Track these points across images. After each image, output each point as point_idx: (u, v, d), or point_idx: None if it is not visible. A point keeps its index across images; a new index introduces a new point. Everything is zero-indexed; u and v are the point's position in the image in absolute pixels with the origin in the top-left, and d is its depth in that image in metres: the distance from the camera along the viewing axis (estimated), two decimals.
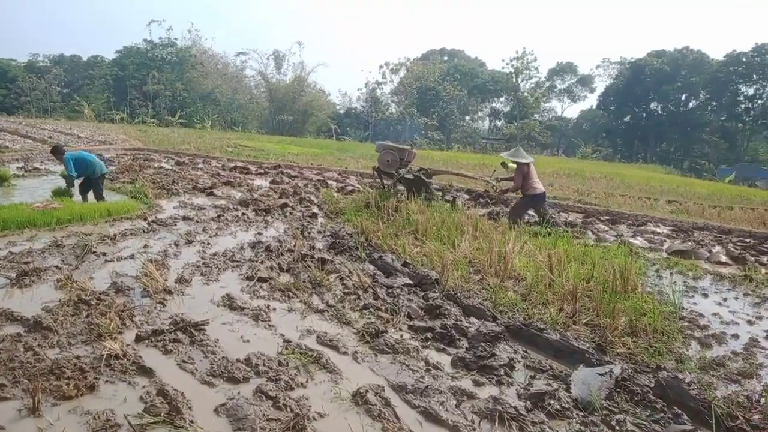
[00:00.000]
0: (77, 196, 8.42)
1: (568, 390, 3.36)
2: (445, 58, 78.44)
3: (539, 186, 8.62)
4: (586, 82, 72.89)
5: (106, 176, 8.71)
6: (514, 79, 58.83)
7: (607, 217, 10.27)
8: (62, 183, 8.52)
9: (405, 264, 5.92)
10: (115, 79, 57.60)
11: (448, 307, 4.64)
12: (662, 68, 60.03)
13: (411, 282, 5.36)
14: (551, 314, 4.60)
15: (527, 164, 8.56)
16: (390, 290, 5.16)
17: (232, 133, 43.35)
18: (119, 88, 56.74)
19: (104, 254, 5.88)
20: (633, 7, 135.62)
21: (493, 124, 74.70)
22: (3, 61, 60.52)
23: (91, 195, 8.49)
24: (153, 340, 3.87)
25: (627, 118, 66.15)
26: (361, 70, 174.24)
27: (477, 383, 3.51)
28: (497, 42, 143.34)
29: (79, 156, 8.29)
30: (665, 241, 8.43)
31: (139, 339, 3.86)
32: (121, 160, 14.89)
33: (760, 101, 55.90)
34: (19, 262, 5.48)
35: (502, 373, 3.59)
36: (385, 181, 10.01)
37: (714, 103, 60.32)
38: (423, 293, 5.09)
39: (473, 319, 4.53)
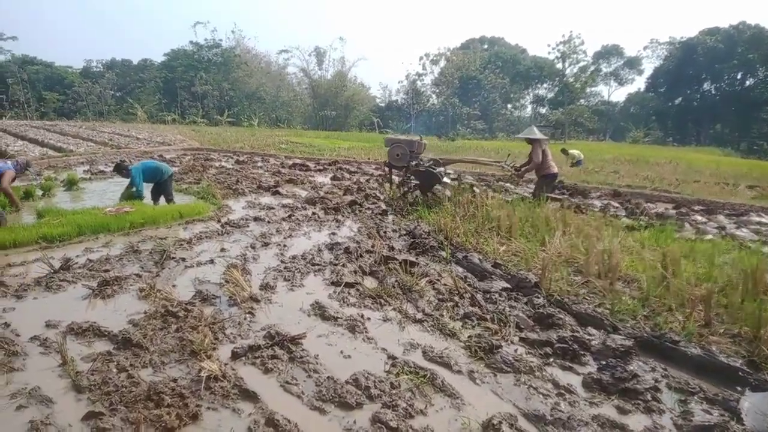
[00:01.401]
0: (148, 199, 8.37)
1: (739, 421, 2.87)
2: (485, 47, 76.84)
3: (555, 166, 8.72)
4: (633, 64, 69.87)
5: (173, 177, 8.60)
6: (561, 65, 56.82)
7: (699, 207, 9.46)
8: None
9: (496, 265, 5.49)
10: (165, 81, 59.07)
11: (561, 316, 4.19)
12: (716, 46, 56.91)
13: (509, 286, 4.93)
14: (681, 323, 4.08)
15: (543, 141, 8.58)
16: (488, 295, 4.75)
17: (279, 129, 43.62)
18: (169, 90, 58.19)
19: (183, 260, 5.71)
20: None
21: (536, 111, 72.77)
22: (60, 68, 63.11)
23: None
24: (250, 356, 3.61)
25: (678, 100, 63.10)
26: (401, 63, 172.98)
27: (622, 410, 3.06)
28: (538, 27, 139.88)
29: (144, 166, 8.27)
30: None
31: (235, 356, 3.60)
32: (183, 160, 14.99)
33: None
34: (99, 270, 5.37)
35: (648, 397, 3.13)
36: (394, 177, 9.64)
37: None
38: (526, 299, 4.64)
39: (591, 330, 4.06)
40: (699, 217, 8.26)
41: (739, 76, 58.54)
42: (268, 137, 27.47)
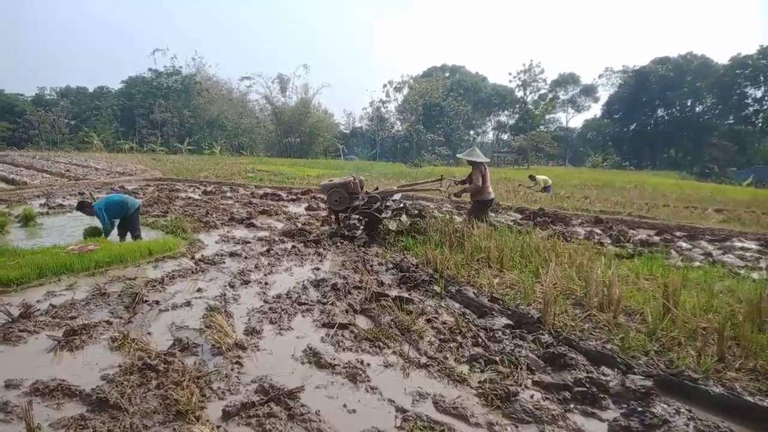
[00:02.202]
0: (113, 236, 7.84)
1: None
2: (447, 74, 78.52)
3: (491, 191, 8.62)
4: (589, 91, 72.72)
5: (139, 210, 8.10)
6: (522, 92, 58.44)
7: (681, 233, 9.53)
8: (93, 221, 7.96)
9: (493, 299, 5.26)
10: (123, 108, 57.76)
11: (573, 356, 3.97)
12: (667, 75, 59.82)
13: (510, 322, 4.70)
14: (694, 358, 3.92)
15: (483, 165, 8.49)
16: (491, 334, 4.50)
17: (243, 157, 43.01)
18: (126, 118, 56.89)
19: (157, 303, 5.26)
20: (632, 16, 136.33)
21: (498, 137, 74.40)
22: (11, 96, 60.92)
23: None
24: (244, 416, 3.23)
25: (633, 126, 65.81)
26: (366, 90, 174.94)
27: None
28: (497, 56, 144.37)
29: (107, 201, 7.73)
30: (760, 258, 7.69)
31: (227, 416, 3.22)
32: (146, 191, 14.35)
33: None
34: (64, 317, 4.87)
35: None
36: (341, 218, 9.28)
37: (721, 107, 59.84)
38: (532, 337, 4.41)
39: (605, 370, 3.85)
40: (683, 244, 8.29)
41: (689, 103, 61.52)
42: (233, 165, 26.92)
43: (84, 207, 7.82)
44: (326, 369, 3.90)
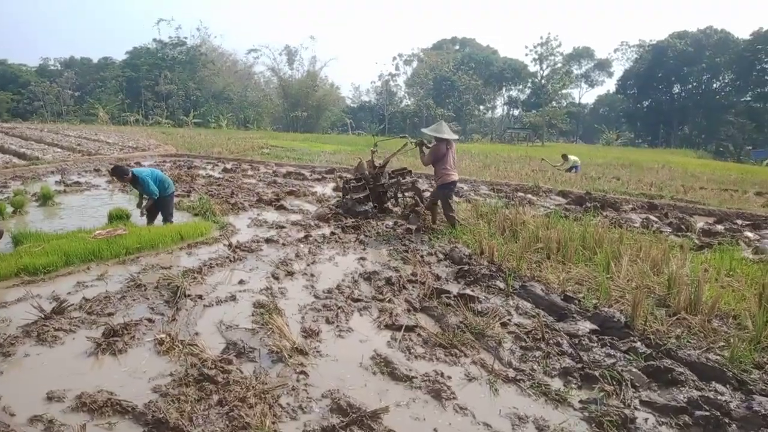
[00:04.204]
0: (137, 218, 7.38)
1: None
2: (457, 47, 77.03)
3: (454, 173, 7.49)
4: (603, 66, 71.18)
5: (173, 194, 7.61)
6: (537, 66, 57.14)
7: (742, 222, 9.00)
8: (117, 201, 7.50)
9: (567, 298, 4.81)
10: (128, 80, 56.76)
11: (681, 370, 3.53)
12: (685, 50, 58.22)
13: (596, 327, 4.25)
14: None
15: (447, 143, 7.48)
16: (576, 340, 4.05)
17: (251, 132, 42.27)
18: (132, 90, 55.93)
19: (200, 297, 4.83)
20: None
21: (509, 112, 73.23)
22: (14, 66, 59.94)
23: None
24: None
25: (647, 102, 64.47)
26: (375, 63, 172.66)
27: None
28: (509, 29, 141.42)
29: (153, 174, 7.14)
30: None
31: None
32: (163, 168, 13.85)
33: None
34: (100, 313, 4.46)
35: None
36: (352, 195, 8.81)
37: (739, 84, 58.36)
38: (623, 345, 3.96)
39: (719, 387, 3.42)
40: (750, 234, 7.78)
41: (705, 79, 60.09)
42: (245, 140, 26.31)
43: (122, 173, 6.99)
44: (403, 382, 3.48)
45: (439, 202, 7.70)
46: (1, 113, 50.16)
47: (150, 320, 4.33)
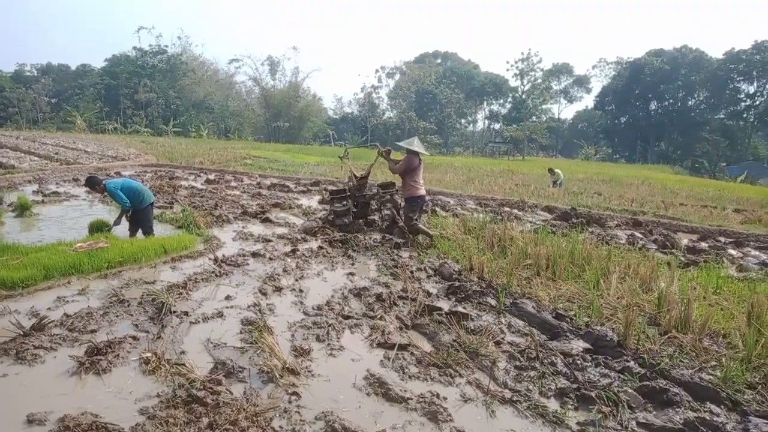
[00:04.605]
0: (120, 229, 7.20)
1: None
2: (439, 61, 77.88)
3: (422, 188, 7.79)
4: (582, 82, 72.72)
5: (154, 205, 7.45)
6: (518, 81, 57.99)
7: (725, 239, 9.13)
8: (97, 212, 7.32)
9: (559, 316, 4.79)
10: (106, 88, 56.05)
11: (676, 390, 3.52)
12: (662, 67, 59.78)
13: (589, 346, 4.23)
14: None
15: (417, 156, 7.72)
16: (569, 359, 4.03)
17: (233, 142, 41.97)
18: (110, 98, 55.25)
19: (186, 314, 4.70)
20: (627, 7, 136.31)
21: (490, 126, 74.06)
22: None
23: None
24: None
25: (625, 118, 65.88)
26: (359, 75, 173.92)
27: None
28: (490, 44, 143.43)
29: (125, 184, 6.99)
30: None
31: None
32: (144, 178, 13.61)
33: (761, 99, 55.67)
34: (82, 330, 4.30)
35: None
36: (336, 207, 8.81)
37: (713, 101, 60.11)
38: (618, 365, 3.94)
39: (713, 408, 3.42)
40: (733, 251, 7.90)
41: (680, 96, 61.69)
42: (226, 150, 26.09)
43: (94, 183, 6.98)
44: (398, 403, 3.41)
45: (410, 211, 7.82)
46: None
47: (134, 338, 4.18)
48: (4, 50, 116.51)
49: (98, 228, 7.12)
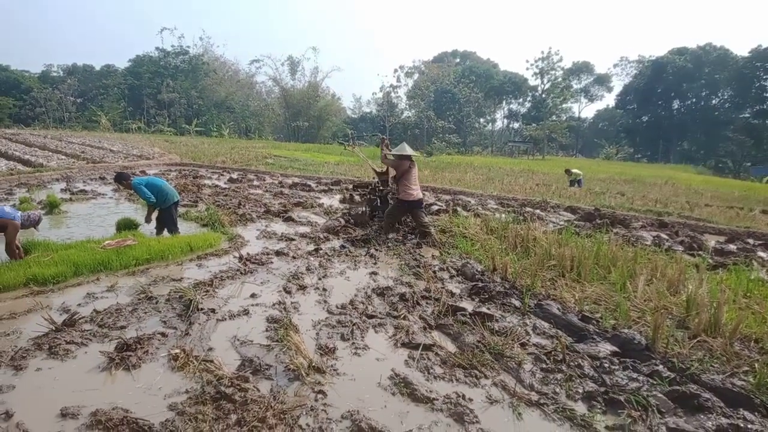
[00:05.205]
0: (147, 228, 7.34)
1: None
2: (458, 60, 77.52)
3: (416, 192, 7.84)
4: (603, 81, 71.70)
5: (178, 204, 7.56)
6: (539, 80, 57.46)
7: (752, 240, 8.96)
8: (123, 210, 7.47)
9: (585, 318, 4.75)
10: (130, 88, 56.98)
11: (707, 396, 3.46)
12: (684, 66, 58.75)
13: (617, 349, 4.18)
14: None
15: (409, 159, 7.91)
16: (597, 362, 3.99)
17: (254, 141, 42.33)
18: (134, 97, 56.15)
19: (213, 311, 4.76)
20: (649, 5, 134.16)
21: (509, 125, 73.51)
22: (17, 72, 60.17)
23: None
24: None
25: (647, 117, 64.87)
26: (377, 74, 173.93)
27: None
28: (509, 43, 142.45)
29: (150, 181, 7.16)
30: None
31: None
32: (168, 176, 13.80)
33: None
34: (111, 326, 4.38)
35: None
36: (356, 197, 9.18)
37: (738, 100, 58.81)
38: (646, 368, 3.89)
39: (746, 414, 3.35)
40: (762, 254, 7.73)
41: (703, 95, 60.55)
42: (248, 150, 26.33)
43: (122, 178, 7.27)
44: (423, 403, 3.41)
45: (396, 211, 8.08)
46: (3, 118, 50.24)
47: (163, 334, 4.25)
48: (32, 52, 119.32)
49: (126, 226, 7.26)
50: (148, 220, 7.24)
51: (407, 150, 7.97)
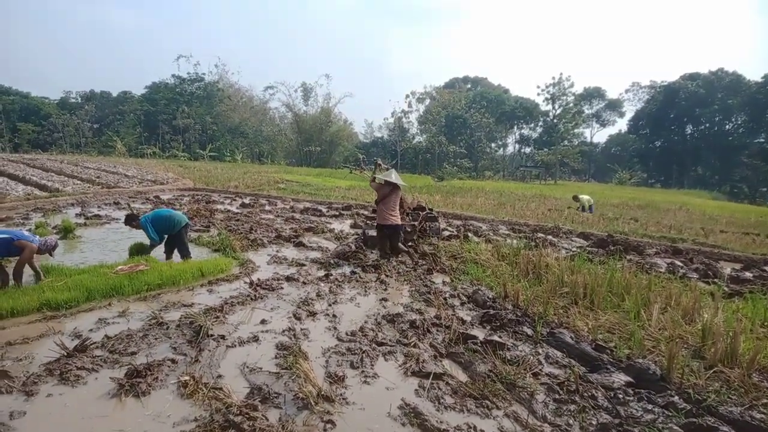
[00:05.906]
0: (157, 252, 7.42)
1: None
2: (469, 86, 78.12)
3: (392, 218, 8.09)
4: (614, 106, 71.71)
5: (188, 228, 7.66)
6: (550, 106, 57.68)
7: None
8: (137, 236, 7.59)
9: (599, 348, 4.67)
10: (146, 114, 58.08)
11: (725, 429, 3.37)
12: (697, 91, 58.70)
13: (631, 380, 4.10)
14: None
15: (392, 186, 8.18)
16: (611, 393, 3.91)
17: (266, 166, 42.79)
18: (149, 123, 57.17)
19: (222, 337, 4.75)
20: (660, 31, 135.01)
21: (521, 150, 73.56)
22: (37, 99, 61.74)
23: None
24: None
25: (659, 142, 64.63)
26: (389, 100, 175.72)
27: None
28: (520, 69, 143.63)
29: (155, 215, 7.39)
30: None
31: None
32: (181, 201, 13.96)
33: None
34: (122, 351, 4.39)
35: None
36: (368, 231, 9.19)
37: (752, 125, 58.46)
38: (661, 400, 3.81)
39: None
40: None
41: (717, 120, 60.32)
42: (260, 175, 26.58)
43: (131, 220, 7.49)
44: None
45: (377, 235, 8.38)
46: (22, 144, 51.41)
47: (173, 361, 4.25)
48: (51, 79, 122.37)
49: (139, 251, 7.34)
50: (146, 252, 7.39)
51: (392, 177, 8.20)
